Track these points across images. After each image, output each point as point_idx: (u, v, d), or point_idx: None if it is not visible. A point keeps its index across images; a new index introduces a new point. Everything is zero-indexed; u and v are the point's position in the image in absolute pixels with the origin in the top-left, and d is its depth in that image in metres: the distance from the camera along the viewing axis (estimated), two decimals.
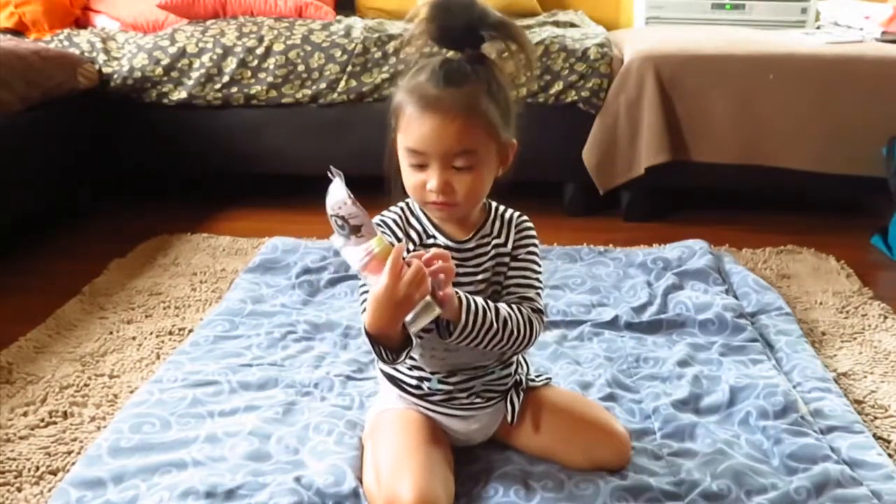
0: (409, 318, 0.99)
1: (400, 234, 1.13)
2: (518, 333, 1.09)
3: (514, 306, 1.11)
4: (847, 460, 1.24)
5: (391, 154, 1.13)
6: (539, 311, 1.13)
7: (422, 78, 1.06)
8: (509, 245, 1.16)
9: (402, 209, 1.16)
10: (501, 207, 1.19)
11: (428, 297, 0.98)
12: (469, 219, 1.16)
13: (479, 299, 1.07)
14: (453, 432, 1.22)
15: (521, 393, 1.23)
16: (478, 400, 1.20)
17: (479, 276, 1.14)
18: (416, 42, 1.07)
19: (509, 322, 1.08)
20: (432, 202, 1.08)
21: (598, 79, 2.41)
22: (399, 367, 1.18)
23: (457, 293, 1.04)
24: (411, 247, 1.13)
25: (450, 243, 1.14)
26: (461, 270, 1.13)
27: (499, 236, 1.16)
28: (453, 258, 1.12)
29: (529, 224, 1.19)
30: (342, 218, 0.97)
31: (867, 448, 1.28)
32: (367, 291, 1.04)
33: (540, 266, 1.18)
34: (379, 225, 1.14)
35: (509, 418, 1.22)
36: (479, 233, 1.15)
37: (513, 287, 1.14)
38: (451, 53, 1.07)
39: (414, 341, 1.03)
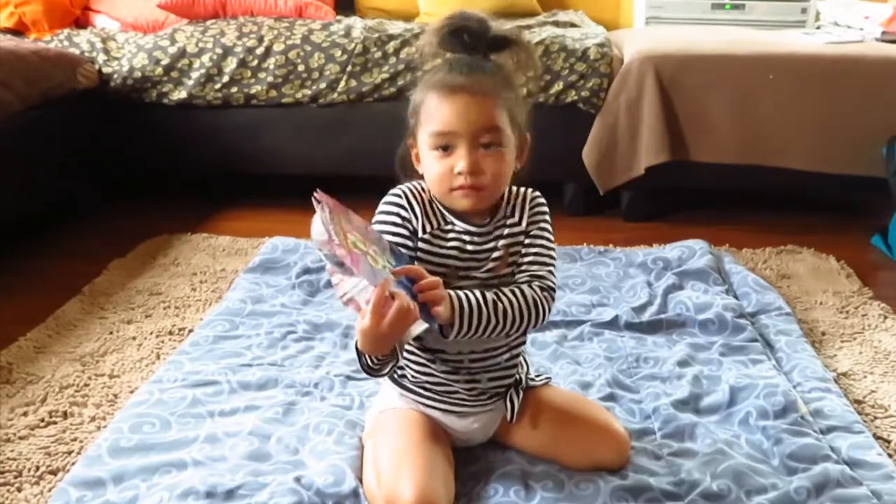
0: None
1: (419, 213, 1.13)
2: (521, 319, 1.10)
3: (519, 288, 1.11)
4: (847, 460, 1.24)
5: (403, 156, 1.15)
6: (549, 289, 1.13)
7: (442, 74, 1.09)
8: (524, 223, 1.17)
9: (423, 188, 1.15)
10: (514, 187, 1.20)
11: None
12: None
13: (475, 295, 1.07)
14: (454, 431, 1.22)
15: (521, 392, 1.23)
16: (481, 396, 1.20)
17: (494, 255, 1.14)
18: (430, 54, 1.11)
19: (510, 310, 1.09)
20: (459, 186, 1.09)
21: (598, 79, 2.41)
22: (407, 356, 1.19)
23: (451, 295, 1.05)
24: (428, 227, 1.13)
25: (469, 228, 1.14)
26: (477, 254, 1.14)
27: (513, 216, 1.17)
28: (471, 242, 1.13)
29: (542, 200, 1.20)
30: (325, 254, 0.98)
31: (867, 448, 1.28)
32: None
33: (552, 241, 1.18)
34: (399, 196, 1.14)
35: (508, 416, 1.22)
36: (496, 216, 1.16)
37: (525, 265, 1.15)
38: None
39: (399, 358, 1.07)
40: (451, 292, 1.06)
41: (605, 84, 2.41)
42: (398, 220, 1.12)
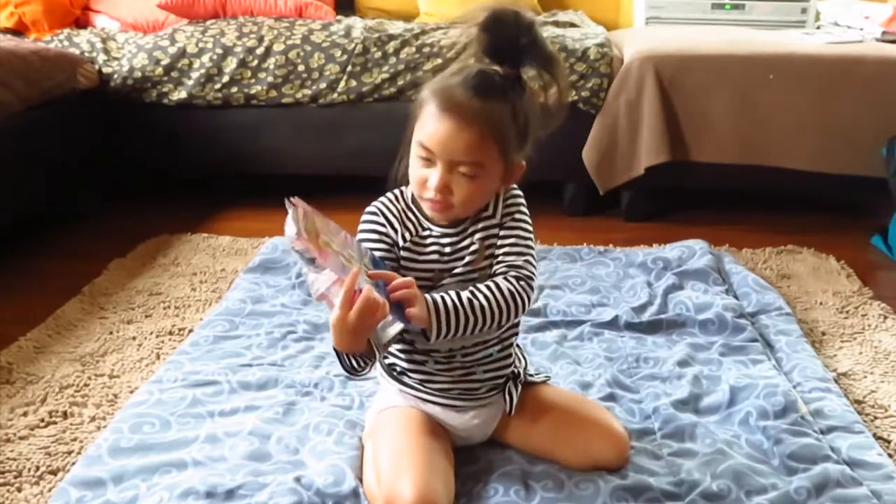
0: (371, 337, 1.03)
1: (396, 225, 1.15)
2: (500, 313, 1.09)
3: (495, 282, 1.10)
4: (847, 460, 1.24)
5: (406, 144, 1.15)
6: (527, 278, 1.12)
7: (453, 81, 1.08)
8: (498, 216, 1.17)
9: (397, 198, 1.17)
10: None
11: (388, 317, 1.00)
12: None
13: (451, 296, 1.07)
14: (453, 429, 1.23)
15: (519, 385, 1.24)
16: (479, 389, 1.20)
17: (470, 248, 1.15)
18: (462, 44, 1.09)
19: (487, 307, 1.08)
20: (429, 199, 1.10)
21: (598, 79, 2.41)
22: (400, 355, 1.19)
23: (426, 299, 1.05)
24: (407, 235, 1.14)
25: (446, 230, 1.15)
26: (456, 253, 1.15)
27: (487, 209, 1.17)
28: (450, 244, 1.14)
29: (517, 192, 1.19)
30: (297, 252, 0.99)
31: (867, 448, 1.28)
32: None
33: (529, 230, 1.17)
34: (375, 214, 1.16)
35: (507, 409, 1.22)
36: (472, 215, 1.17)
37: (502, 255, 1.15)
38: (491, 65, 1.09)
39: (377, 356, 1.06)
40: (427, 296, 1.06)
41: (605, 84, 2.41)
42: (376, 235, 1.14)
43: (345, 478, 1.15)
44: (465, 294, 1.08)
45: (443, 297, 1.07)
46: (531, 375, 1.28)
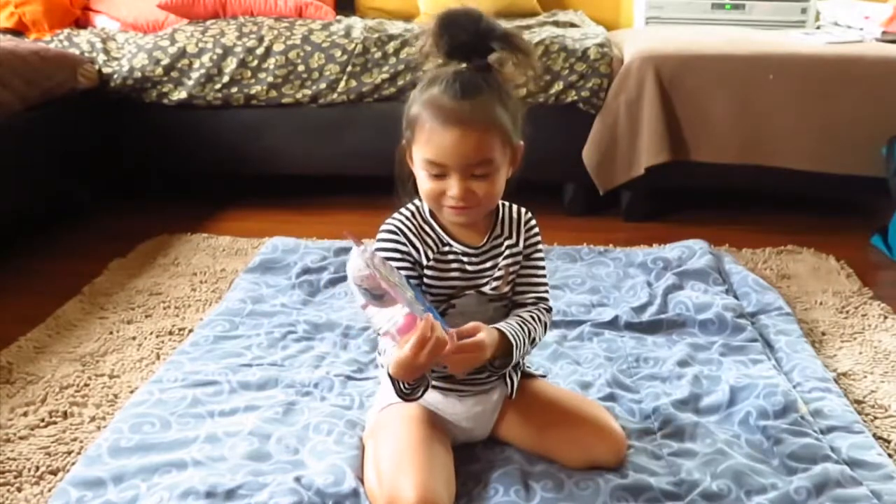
0: None
1: (417, 244, 1.16)
2: (538, 340, 1.20)
3: (533, 313, 1.18)
4: (847, 460, 1.24)
5: (401, 160, 1.17)
6: (550, 309, 1.24)
7: (436, 91, 1.09)
8: (521, 245, 1.21)
9: (413, 215, 1.19)
10: (506, 204, 1.23)
11: None
12: (480, 222, 1.19)
13: (522, 331, 1.14)
14: (455, 419, 1.23)
15: (518, 371, 1.26)
16: (479, 374, 1.20)
17: (497, 274, 1.18)
18: (427, 54, 1.11)
19: (536, 339, 1.19)
20: (450, 206, 1.12)
21: (598, 79, 2.41)
22: None
23: (506, 332, 1.11)
24: (430, 254, 1.16)
25: (467, 249, 1.18)
26: (479, 273, 1.18)
27: (510, 236, 1.21)
28: (470, 262, 1.18)
29: (534, 221, 1.24)
30: (365, 289, 1.00)
31: (867, 448, 1.28)
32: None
33: (544, 258, 1.25)
34: (394, 233, 1.16)
35: (509, 392, 1.24)
36: (492, 235, 1.20)
37: (528, 285, 1.22)
38: (460, 65, 1.10)
39: (429, 381, 1.11)
40: (506, 330, 1.11)
41: (605, 84, 2.41)
42: (399, 255, 1.15)
43: (345, 478, 1.15)
44: (525, 328, 1.16)
45: (514, 331, 1.13)
46: (528, 366, 1.31)
